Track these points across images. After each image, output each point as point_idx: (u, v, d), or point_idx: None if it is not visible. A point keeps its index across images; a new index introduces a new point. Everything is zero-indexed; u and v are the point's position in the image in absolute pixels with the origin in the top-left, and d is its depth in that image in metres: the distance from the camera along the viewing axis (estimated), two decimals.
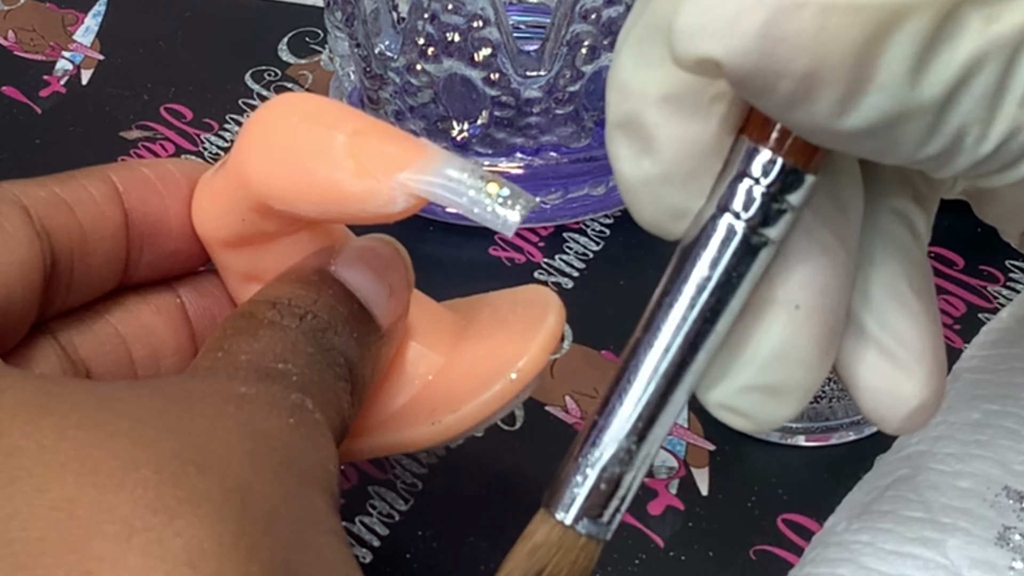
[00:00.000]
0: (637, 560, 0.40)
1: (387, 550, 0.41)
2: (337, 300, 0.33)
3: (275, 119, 0.33)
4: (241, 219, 0.34)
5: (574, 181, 0.52)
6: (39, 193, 0.33)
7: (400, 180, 0.31)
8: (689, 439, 0.44)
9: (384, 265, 0.35)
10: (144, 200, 0.35)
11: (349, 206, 0.32)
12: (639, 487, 0.29)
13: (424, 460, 0.43)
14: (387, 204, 0.31)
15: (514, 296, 0.38)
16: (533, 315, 0.36)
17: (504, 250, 0.52)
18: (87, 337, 0.35)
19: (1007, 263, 0.51)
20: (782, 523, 0.41)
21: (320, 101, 0.33)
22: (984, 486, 0.36)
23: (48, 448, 0.26)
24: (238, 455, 0.27)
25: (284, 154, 0.32)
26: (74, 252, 0.34)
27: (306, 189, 0.32)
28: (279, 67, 0.62)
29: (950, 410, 0.38)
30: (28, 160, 0.57)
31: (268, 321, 0.32)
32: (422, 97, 0.51)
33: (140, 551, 0.25)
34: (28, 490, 0.25)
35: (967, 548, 0.34)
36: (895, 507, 0.36)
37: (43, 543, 0.25)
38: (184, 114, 0.59)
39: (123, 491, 0.25)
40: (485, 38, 0.49)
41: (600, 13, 0.49)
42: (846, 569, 0.35)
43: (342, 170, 0.31)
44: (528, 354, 0.35)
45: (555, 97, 0.50)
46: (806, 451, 0.43)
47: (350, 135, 0.31)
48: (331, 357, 0.32)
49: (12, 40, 0.65)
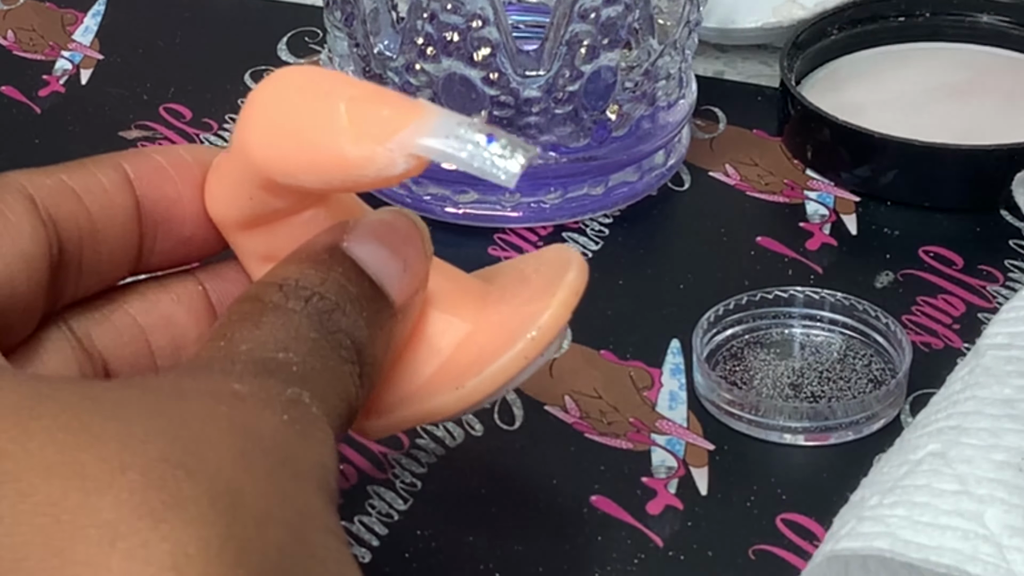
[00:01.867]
0: (636, 560, 0.40)
1: (386, 550, 0.41)
2: (347, 279, 0.33)
3: (273, 93, 0.33)
4: (249, 197, 0.34)
5: (573, 181, 0.52)
6: (45, 181, 0.33)
7: (398, 141, 0.30)
8: (689, 439, 0.44)
9: (399, 239, 0.34)
10: (156, 187, 0.35)
11: (350, 173, 0.31)
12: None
13: (423, 460, 0.43)
14: (387, 167, 0.31)
15: (538, 257, 0.38)
16: (554, 272, 0.35)
17: (504, 250, 0.52)
18: (104, 328, 0.34)
19: (1007, 263, 0.51)
20: (781, 523, 0.41)
21: (316, 72, 0.33)
22: (1019, 457, 0.35)
23: (34, 452, 0.26)
24: (229, 456, 0.27)
25: (283, 126, 0.32)
26: (83, 240, 0.33)
27: (306, 159, 0.32)
28: (278, 67, 0.62)
29: (978, 386, 0.38)
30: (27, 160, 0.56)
31: (273, 305, 0.32)
32: (421, 97, 0.51)
33: (124, 555, 0.24)
34: (12, 495, 0.25)
35: (1006, 517, 0.34)
36: (929, 480, 0.36)
37: (27, 548, 0.25)
38: (183, 114, 0.59)
39: (108, 494, 0.25)
40: (484, 38, 0.49)
41: (599, 12, 0.49)
42: (883, 542, 0.34)
43: (340, 137, 0.31)
44: (549, 310, 0.34)
45: (554, 97, 0.50)
46: (806, 451, 0.43)
47: (346, 102, 0.31)
48: (336, 340, 0.32)
49: (11, 40, 0.65)
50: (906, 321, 0.48)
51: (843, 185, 0.55)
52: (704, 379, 0.45)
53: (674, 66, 0.53)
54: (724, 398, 0.44)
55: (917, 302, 0.49)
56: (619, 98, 0.51)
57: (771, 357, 0.46)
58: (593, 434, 0.43)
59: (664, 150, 0.54)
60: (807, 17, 0.60)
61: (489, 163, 0.30)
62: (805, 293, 0.47)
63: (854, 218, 0.53)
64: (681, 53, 0.53)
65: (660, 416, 0.44)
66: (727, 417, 0.44)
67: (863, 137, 0.52)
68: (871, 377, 0.45)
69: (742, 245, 0.52)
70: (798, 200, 0.54)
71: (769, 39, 0.62)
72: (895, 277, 0.50)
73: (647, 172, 0.54)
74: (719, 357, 0.46)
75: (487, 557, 0.40)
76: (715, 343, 0.46)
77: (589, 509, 0.41)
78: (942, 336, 0.47)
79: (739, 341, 0.46)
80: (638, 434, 0.44)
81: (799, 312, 0.47)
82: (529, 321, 0.34)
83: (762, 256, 0.51)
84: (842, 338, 0.46)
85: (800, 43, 0.58)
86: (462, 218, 0.52)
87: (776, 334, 0.47)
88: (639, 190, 0.54)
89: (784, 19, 0.60)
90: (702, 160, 0.56)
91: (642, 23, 0.50)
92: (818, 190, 0.54)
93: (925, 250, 0.51)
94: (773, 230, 0.52)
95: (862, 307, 0.46)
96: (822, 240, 0.52)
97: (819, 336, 0.47)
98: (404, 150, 0.30)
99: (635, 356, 0.47)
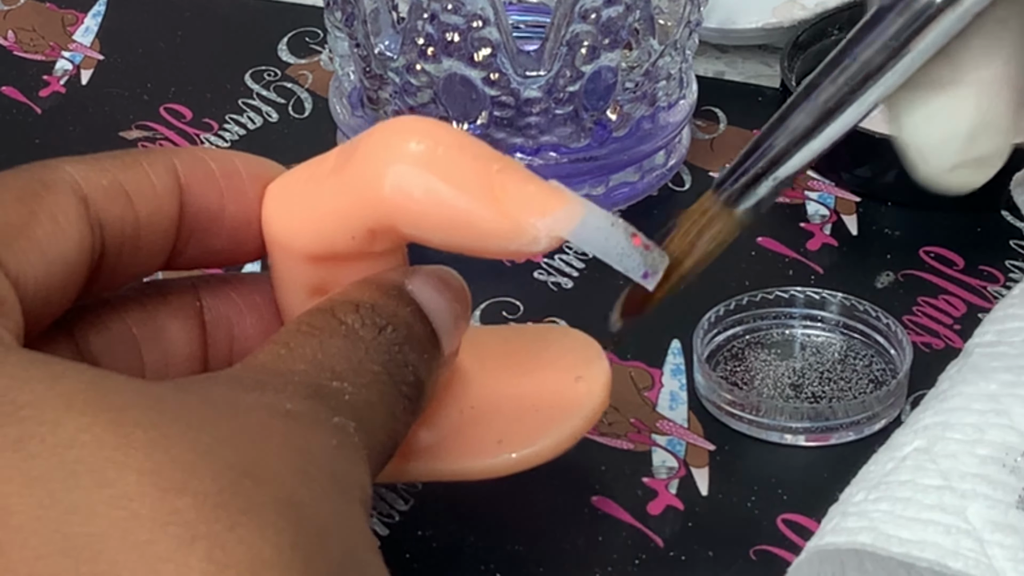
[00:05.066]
0: (637, 560, 0.40)
1: (387, 550, 0.40)
2: (414, 318, 0.33)
3: (409, 141, 0.33)
4: (351, 236, 0.34)
5: (574, 181, 0.52)
6: (101, 182, 0.32)
7: (546, 224, 0.32)
8: (689, 439, 0.44)
9: (453, 293, 0.35)
10: (203, 196, 0.34)
11: (491, 242, 0.33)
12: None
13: None
14: (530, 244, 0.32)
15: (552, 333, 0.41)
16: (583, 356, 0.39)
17: None
18: (103, 336, 0.34)
19: (1007, 263, 0.50)
20: (782, 523, 0.41)
21: (452, 130, 0.34)
22: (1003, 452, 0.35)
23: (107, 443, 0.25)
24: (288, 470, 0.27)
25: (426, 181, 0.32)
26: (124, 244, 0.33)
27: (447, 220, 0.32)
28: (279, 67, 0.62)
29: (965, 382, 0.38)
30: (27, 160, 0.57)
31: (346, 328, 0.32)
32: (422, 97, 0.51)
33: (203, 555, 0.24)
34: (89, 484, 0.25)
35: (988, 512, 0.34)
36: (913, 476, 0.36)
37: (105, 539, 0.24)
38: (184, 114, 0.59)
39: (186, 495, 0.25)
40: (485, 38, 0.49)
41: (600, 13, 0.49)
42: (866, 536, 0.35)
43: (489, 207, 0.32)
44: (597, 397, 0.38)
45: (555, 97, 0.50)
46: (806, 451, 0.43)
47: (496, 172, 0.32)
48: (403, 375, 0.32)
49: (12, 40, 0.65)
50: (907, 321, 0.48)
51: (844, 185, 0.55)
52: (705, 379, 0.45)
53: (674, 66, 0.53)
54: (725, 398, 0.44)
55: (918, 302, 0.49)
56: (619, 98, 0.51)
57: (772, 357, 0.46)
58: (594, 434, 0.43)
59: (664, 150, 0.54)
60: (808, 17, 0.60)
61: (638, 266, 0.34)
62: (806, 293, 0.47)
63: (855, 218, 0.53)
64: (681, 53, 0.53)
65: (661, 416, 0.44)
66: (728, 417, 0.44)
67: (863, 137, 0.52)
68: (872, 377, 0.45)
69: (742, 245, 0.52)
70: (799, 200, 0.54)
71: (770, 39, 0.62)
72: (896, 277, 0.50)
73: (647, 172, 0.54)
74: (720, 357, 0.46)
75: (487, 557, 0.40)
76: (716, 343, 0.46)
77: (589, 509, 0.41)
78: (943, 336, 0.47)
79: (740, 341, 0.46)
80: (639, 434, 0.44)
81: (800, 312, 0.47)
82: (576, 403, 0.38)
83: (763, 256, 0.51)
84: (843, 338, 0.46)
85: (801, 43, 0.58)
86: None
87: (777, 334, 0.47)
88: (639, 190, 0.54)
89: (785, 19, 0.60)
90: (702, 160, 0.56)
91: (643, 23, 0.50)
92: (819, 190, 0.54)
93: (926, 250, 0.51)
94: (774, 230, 0.52)
95: (863, 307, 0.46)
96: (823, 240, 0.52)
97: (820, 336, 0.47)
98: (551, 231, 0.32)
99: (636, 356, 0.47)
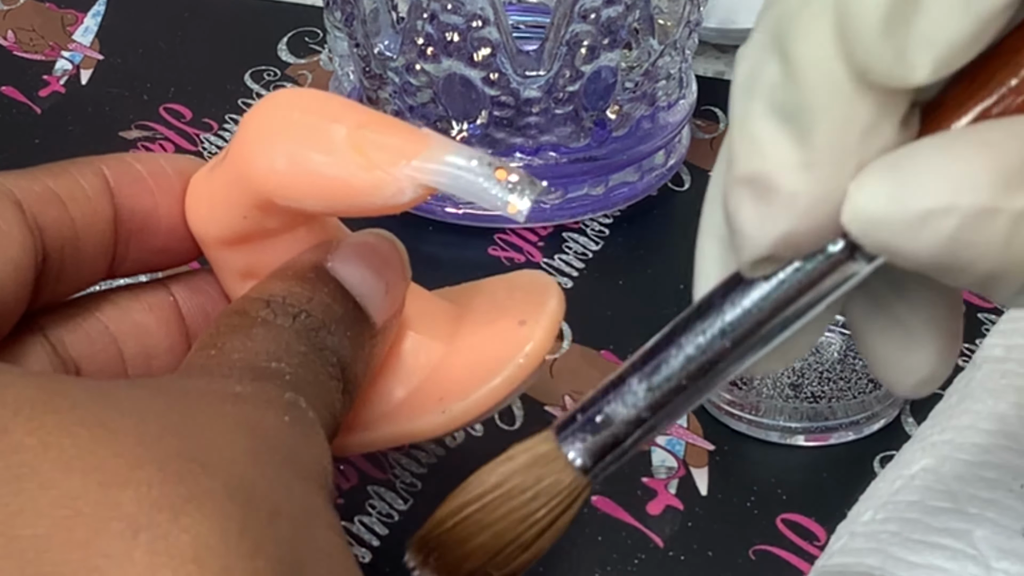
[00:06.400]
0: (636, 560, 0.40)
1: (386, 550, 0.41)
2: (332, 298, 0.33)
3: (275, 114, 0.33)
4: (243, 216, 0.34)
5: (573, 181, 0.52)
6: (33, 188, 0.33)
7: (407, 171, 0.31)
8: (688, 439, 0.44)
9: (381, 261, 0.35)
10: (134, 196, 0.35)
11: (358, 199, 0.32)
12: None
13: (423, 460, 0.43)
14: (396, 195, 0.31)
15: (509, 282, 0.38)
16: (533, 300, 0.36)
17: (504, 250, 0.52)
18: (77, 335, 0.35)
19: None
20: (781, 523, 0.41)
21: (319, 95, 0.33)
22: (1010, 476, 0.36)
23: (52, 445, 0.26)
24: (239, 453, 0.27)
25: (287, 149, 0.32)
26: (65, 247, 0.34)
27: (313, 184, 0.32)
28: (278, 67, 0.62)
29: (973, 399, 0.38)
30: (27, 160, 0.57)
31: (261, 319, 0.32)
32: (421, 97, 0.51)
33: (146, 548, 0.25)
34: (33, 487, 0.25)
35: (994, 538, 0.34)
36: (922, 497, 0.36)
37: (49, 540, 0.25)
38: (183, 114, 0.59)
39: (128, 488, 0.25)
40: (484, 38, 0.49)
41: (600, 13, 0.49)
42: (874, 559, 0.35)
43: (349, 163, 0.31)
44: (534, 339, 0.35)
45: (554, 97, 0.50)
46: (806, 451, 0.43)
47: (353, 128, 0.32)
48: (324, 357, 0.32)
49: (11, 40, 0.65)
50: None
51: None
52: None
53: (674, 66, 0.53)
54: (724, 398, 0.44)
55: None
56: (619, 98, 0.51)
57: None
58: None
59: (664, 150, 0.54)
60: None
61: (501, 199, 0.30)
62: None
63: None
64: (681, 53, 0.53)
65: None
66: (727, 417, 0.44)
67: None
68: (871, 377, 0.45)
69: None
70: None
71: None
72: None
73: (647, 172, 0.54)
74: None
75: None
76: None
77: (589, 509, 0.41)
78: None
79: None
80: None
81: None
82: (514, 348, 0.35)
83: None
84: (842, 338, 0.46)
85: None
86: (462, 218, 0.52)
87: None
88: (639, 190, 0.54)
89: None
90: (702, 160, 0.56)
91: (642, 23, 0.50)
92: None
93: None
94: None
95: None
96: None
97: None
98: (414, 180, 0.31)
99: None
